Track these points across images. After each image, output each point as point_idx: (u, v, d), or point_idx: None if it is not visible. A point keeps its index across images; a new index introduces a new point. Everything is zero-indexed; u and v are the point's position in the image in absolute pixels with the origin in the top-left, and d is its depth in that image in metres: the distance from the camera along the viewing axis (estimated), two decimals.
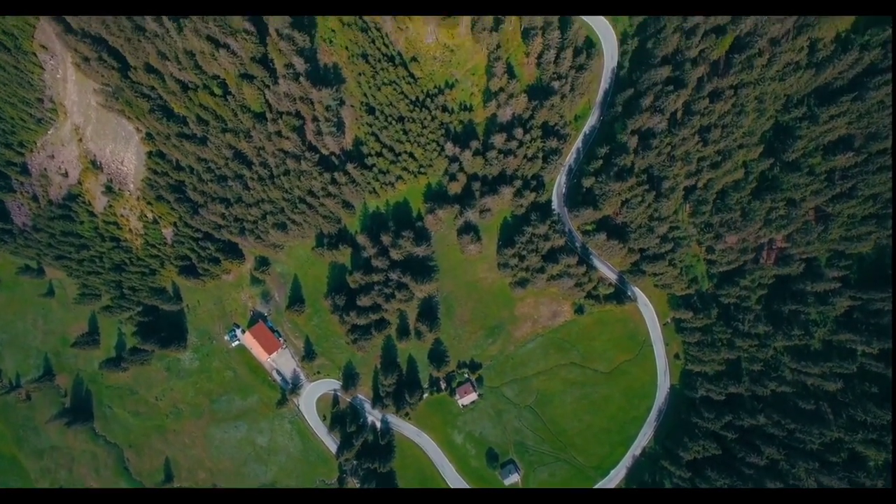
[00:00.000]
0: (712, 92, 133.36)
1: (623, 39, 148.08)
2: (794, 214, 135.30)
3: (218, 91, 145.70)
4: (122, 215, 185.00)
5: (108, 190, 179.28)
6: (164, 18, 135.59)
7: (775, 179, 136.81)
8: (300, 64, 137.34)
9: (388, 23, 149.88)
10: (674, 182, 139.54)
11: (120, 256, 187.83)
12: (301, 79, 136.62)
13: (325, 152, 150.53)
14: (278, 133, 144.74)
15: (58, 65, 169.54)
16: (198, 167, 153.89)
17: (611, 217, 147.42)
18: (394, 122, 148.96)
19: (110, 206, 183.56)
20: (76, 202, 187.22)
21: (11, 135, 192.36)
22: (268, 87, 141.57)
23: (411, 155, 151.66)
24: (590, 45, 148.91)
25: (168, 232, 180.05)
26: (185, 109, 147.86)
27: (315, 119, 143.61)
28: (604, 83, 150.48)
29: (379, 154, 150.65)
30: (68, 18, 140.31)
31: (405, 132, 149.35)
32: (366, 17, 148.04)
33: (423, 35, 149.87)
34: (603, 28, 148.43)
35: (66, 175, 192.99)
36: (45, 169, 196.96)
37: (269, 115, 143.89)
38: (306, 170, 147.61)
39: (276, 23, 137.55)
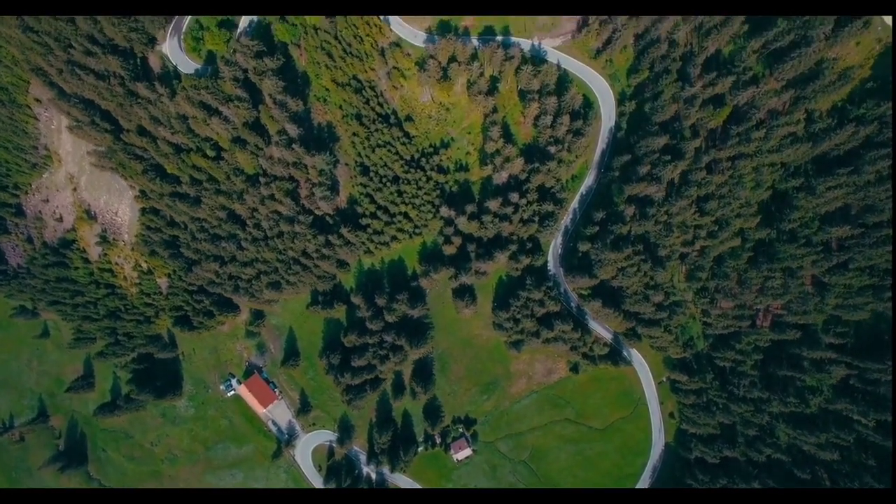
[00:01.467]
0: (710, 163, 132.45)
1: (621, 100, 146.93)
2: (790, 284, 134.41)
3: (211, 153, 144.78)
4: (116, 263, 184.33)
5: (103, 240, 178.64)
6: (157, 84, 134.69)
7: (772, 249, 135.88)
8: (293, 130, 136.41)
9: (382, 81, 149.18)
10: (670, 251, 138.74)
11: (115, 303, 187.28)
12: (294, 145, 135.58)
13: (319, 213, 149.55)
14: (271, 196, 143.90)
15: (52, 117, 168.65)
16: (191, 226, 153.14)
17: (607, 279, 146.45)
18: (388, 184, 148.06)
19: (105, 254, 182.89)
20: (71, 249, 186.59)
21: (6, 177, 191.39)
22: (261, 150, 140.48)
23: (406, 216, 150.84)
24: (587, 104, 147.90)
25: (163, 282, 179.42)
26: (178, 170, 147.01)
27: (309, 183, 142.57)
28: (601, 143, 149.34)
29: (373, 215, 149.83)
30: (61, 83, 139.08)
31: (400, 193, 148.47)
32: (360, 77, 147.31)
33: (419, 94, 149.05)
34: (601, 87, 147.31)
35: (60, 220, 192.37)
36: (40, 212, 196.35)
37: (262, 179, 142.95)
38: (300, 232, 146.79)
39: (268, 87, 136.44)
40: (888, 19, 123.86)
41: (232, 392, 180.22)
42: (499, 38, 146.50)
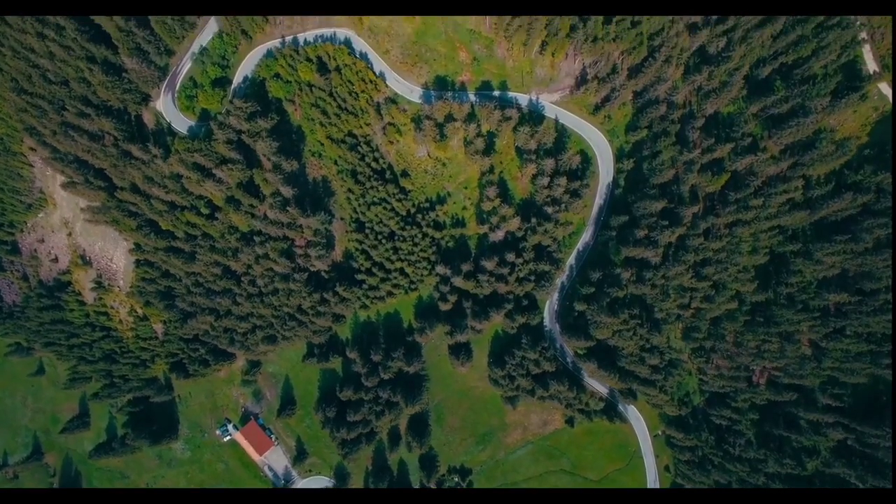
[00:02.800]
0: (707, 229, 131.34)
1: (619, 156, 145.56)
2: (787, 349, 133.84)
3: (205, 210, 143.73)
4: (112, 307, 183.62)
5: (98, 285, 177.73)
6: (150, 145, 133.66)
7: (769, 312, 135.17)
8: (288, 191, 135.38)
9: (378, 135, 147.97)
10: (666, 314, 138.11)
11: (110, 346, 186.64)
12: (289, 207, 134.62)
13: (314, 269, 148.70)
14: (266, 255, 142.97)
15: (46, 165, 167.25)
16: (186, 280, 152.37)
17: (603, 339, 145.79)
18: (384, 241, 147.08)
19: (100, 298, 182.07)
20: (66, 292, 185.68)
21: (1, 215, 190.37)
22: (255, 208, 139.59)
23: (402, 271, 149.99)
24: (585, 159, 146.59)
25: (159, 328, 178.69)
26: (172, 226, 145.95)
27: (304, 241, 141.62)
28: (599, 198, 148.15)
29: (369, 271, 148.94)
30: (55, 143, 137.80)
31: (396, 250, 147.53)
32: (355, 132, 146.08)
33: (415, 149, 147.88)
34: (599, 142, 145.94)
35: (56, 260, 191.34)
36: (35, 250, 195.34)
37: (257, 238, 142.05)
38: (295, 289, 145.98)
39: (262, 149, 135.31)
40: (885, 89, 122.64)
41: (228, 437, 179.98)
42: (496, 92, 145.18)
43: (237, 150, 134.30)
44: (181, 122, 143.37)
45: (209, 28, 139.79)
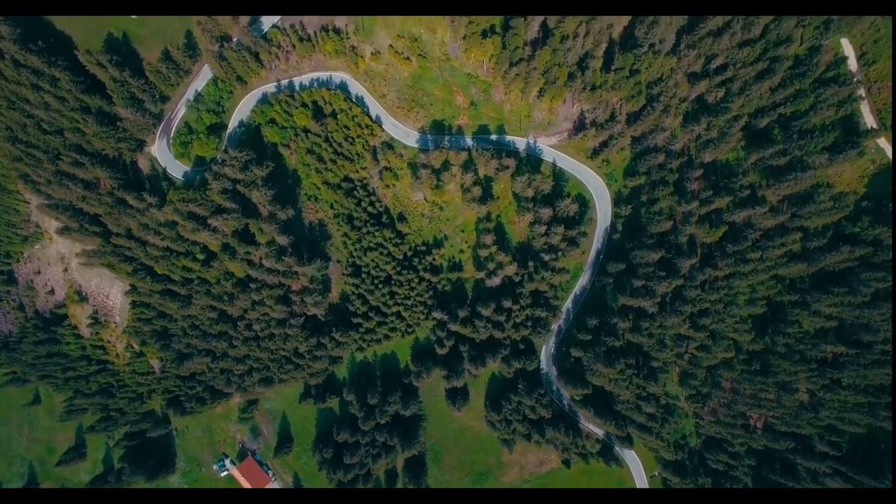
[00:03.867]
0: (704, 282, 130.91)
1: (617, 200, 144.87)
2: (784, 398, 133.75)
3: (201, 256, 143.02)
4: (108, 342, 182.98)
5: (95, 321, 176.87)
6: (145, 194, 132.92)
7: (766, 361, 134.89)
8: (283, 240, 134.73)
9: (374, 178, 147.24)
10: (663, 363, 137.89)
11: (106, 379, 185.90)
12: (284, 256, 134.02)
13: (310, 313, 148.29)
14: (262, 302, 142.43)
15: (41, 211, 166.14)
16: (182, 323, 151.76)
17: (599, 385, 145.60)
18: (380, 285, 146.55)
19: (97, 333, 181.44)
20: (62, 325, 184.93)
21: None
22: (250, 255, 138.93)
23: (399, 315, 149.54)
24: (583, 202, 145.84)
25: (156, 363, 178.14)
26: (168, 271, 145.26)
27: (300, 287, 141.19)
28: (596, 242, 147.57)
29: (365, 315, 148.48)
30: (49, 191, 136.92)
31: (392, 295, 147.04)
32: (351, 176, 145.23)
33: (412, 193, 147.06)
34: (597, 186, 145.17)
35: (52, 292, 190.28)
36: (32, 281, 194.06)
37: (252, 285, 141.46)
38: (292, 334, 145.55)
39: (257, 198, 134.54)
40: (884, 144, 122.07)
41: (225, 472, 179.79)
42: (494, 136, 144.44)
43: (232, 199, 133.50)
44: (176, 168, 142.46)
45: (204, 74, 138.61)
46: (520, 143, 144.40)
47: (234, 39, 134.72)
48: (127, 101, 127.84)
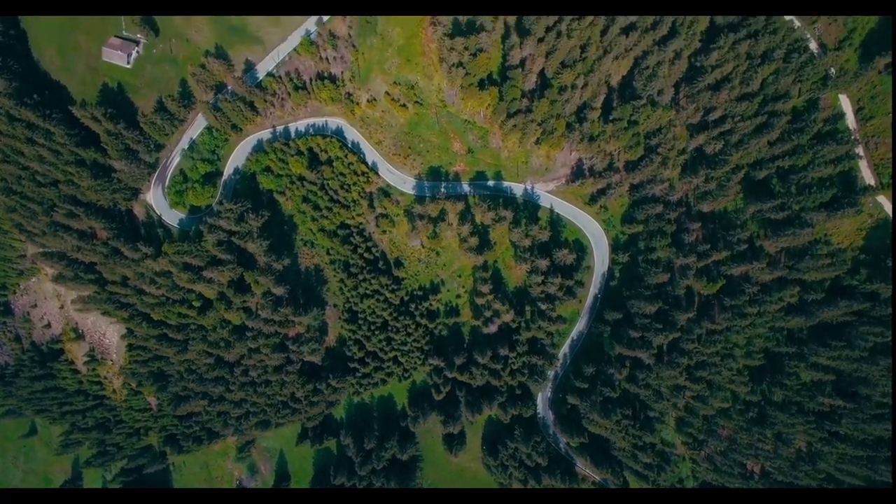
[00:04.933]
0: (701, 335, 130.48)
1: (615, 246, 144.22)
2: (780, 450, 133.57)
3: (197, 303, 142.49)
4: (105, 377, 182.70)
5: (91, 359, 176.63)
6: (140, 244, 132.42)
7: (764, 412, 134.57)
8: (279, 291, 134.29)
9: (371, 224, 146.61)
10: (659, 413, 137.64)
11: (103, 414, 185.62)
12: (280, 308, 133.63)
13: (307, 360, 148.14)
14: (258, 350, 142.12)
15: (35, 260, 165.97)
16: (179, 367, 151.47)
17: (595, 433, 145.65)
18: (377, 331, 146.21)
19: (93, 369, 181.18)
20: (59, 361, 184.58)
21: None
22: (246, 304, 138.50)
23: (395, 360, 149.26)
24: (580, 248, 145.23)
25: (153, 400, 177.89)
26: (163, 317, 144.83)
27: (296, 334, 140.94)
28: (594, 288, 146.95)
29: (362, 360, 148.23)
30: (44, 242, 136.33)
31: (389, 341, 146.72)
32: (348, 222, 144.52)
33: (408, 239, 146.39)
34: (595, 231, 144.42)
35: (48, 326, 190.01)
36: (28, 313, 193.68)
37: (249, 333, 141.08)
38: (288, 380, 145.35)
39: (253, 248, 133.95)
40: (882, 199, 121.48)
41: None
42: (491, 182, 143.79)
43: (228, 250, 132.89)
44: (172, 216, 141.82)
45: (199, 121, 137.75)
46: (517, 188, 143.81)
47: (229, 88, 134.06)
48: (121, 153, 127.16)
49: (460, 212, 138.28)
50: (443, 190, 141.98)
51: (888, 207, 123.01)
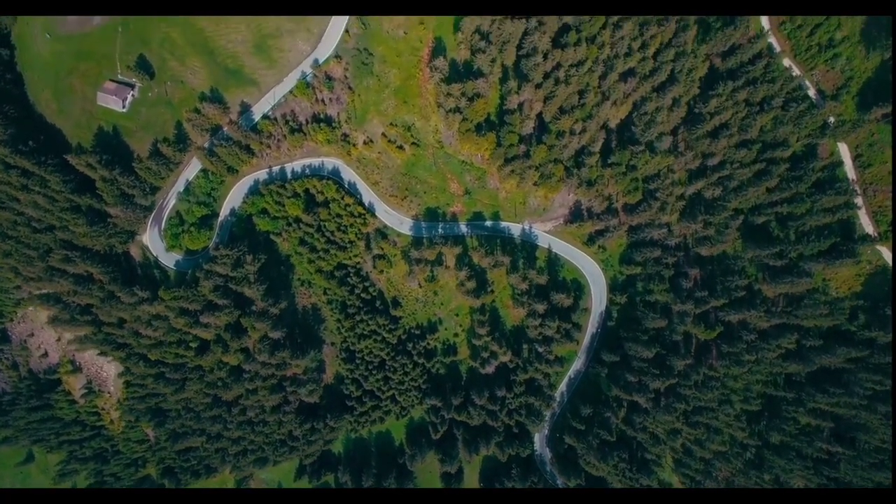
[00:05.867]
0: (699, 381, 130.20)
1: (613, 286, 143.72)
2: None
3: (194, 344, 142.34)
4: (103, 409, 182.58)
5: (89, 391, 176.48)
6: (137, 289, 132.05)
7: (762, 455, 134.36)
8: (276, 335, 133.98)
9: (368, 263, 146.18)
10: (656, 456, 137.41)
11: (101, 445, 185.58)
12: (277, 352, 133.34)
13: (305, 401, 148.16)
14: (255, 391, 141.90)
15: (31, 304, 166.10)
16: (177, 406, 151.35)
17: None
18: (374, 371, 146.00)
19: (91, 401, 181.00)
20: (56, 392, 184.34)
21: None
22: (244, 346, 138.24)
23: (393, 399, 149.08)
24: (578, 287, 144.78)
25: (150, 432, 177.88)
26: (160, 357, 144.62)
27: (294, 375, 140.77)
28: (591, 327, 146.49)
29: (359, 399, 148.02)
30: (39, 286, 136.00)
31: (386, 380, 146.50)
32: (345, 262, 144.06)
33: (406, 280, 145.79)
34: (593, 271, 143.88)
35: (46, 355, 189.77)
36: (25, 342, 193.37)
37: (246, 375, 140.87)
38: (286, 420, 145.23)
39: (250, 293, 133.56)
40: (882, 248, 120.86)
41: None
42: (488, 223, 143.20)
43: (224, 295, 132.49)
44: (168, 258, 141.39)
45: (194, 163, 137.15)
46: (515, 228, 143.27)
47: (225, 131, 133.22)
48: (117, 198, 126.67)
49: (458, 255, 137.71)
50: (440, 231, 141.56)
51: (887, 255, 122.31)
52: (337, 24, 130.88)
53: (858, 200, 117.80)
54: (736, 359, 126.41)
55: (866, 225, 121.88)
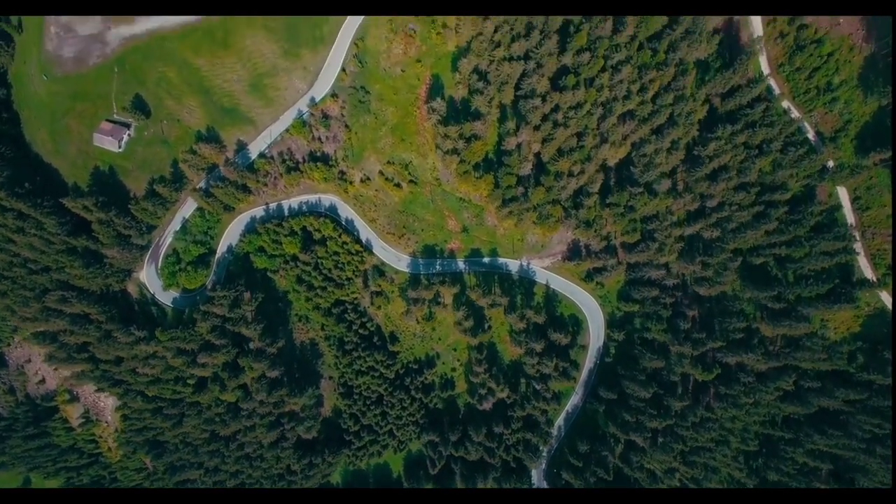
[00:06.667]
0: (696, 422, 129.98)
1: (610, 322, 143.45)
2: None
3: (192, 381, 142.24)
4: (100, 437, 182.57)
5: (86, 420, 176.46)
6: (133, 328, 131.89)
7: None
8: (274, 374, 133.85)
9: (365, 299, 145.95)
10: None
11: (98, 472, 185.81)
12: (274, 391, 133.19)
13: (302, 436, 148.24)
14: (253, 428, 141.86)
15: (27, 343, 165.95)
16: (175, 440, 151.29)
17: None
18: (372, 406, 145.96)
19: (89, 430, 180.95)
20: (52, 419, 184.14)
21: None
22: (243, 385, 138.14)
23: (391, 433, 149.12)
24: (576, 322, 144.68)
25: (148, 460, 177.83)
26: (158, 393, 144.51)
27: (291, 411, 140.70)
28: (589, 362, 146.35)
29: (357, 434, 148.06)
30: (35, 326, 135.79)
31: (384, 415, 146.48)
32: (342, 298, 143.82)
33: (403, 317, 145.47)
34: (591, 306, 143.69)
35: (43, 381, 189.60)
36: (22, 367, 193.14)
37: (244, 412, 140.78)
38: (283, 456, 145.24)
39: (248, 333, 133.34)
40: (884, 296, 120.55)
41: None
42: (486, 259, 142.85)
43: (221, 335, 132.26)
44: (166, 296, 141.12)
45: (191, 202, 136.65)
46: (513, 265, 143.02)
47: (220, 168, 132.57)
48: (113, 239, 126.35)
49: (455, 294, 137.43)
50: (438, 267, 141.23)
51: (886, 298, 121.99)
52: (333, 62, 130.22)
53: (857, 246, 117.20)
54: (734, 401, 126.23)
55: (865, 268, 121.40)
